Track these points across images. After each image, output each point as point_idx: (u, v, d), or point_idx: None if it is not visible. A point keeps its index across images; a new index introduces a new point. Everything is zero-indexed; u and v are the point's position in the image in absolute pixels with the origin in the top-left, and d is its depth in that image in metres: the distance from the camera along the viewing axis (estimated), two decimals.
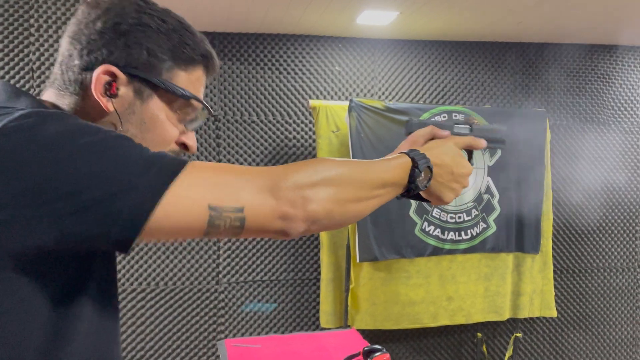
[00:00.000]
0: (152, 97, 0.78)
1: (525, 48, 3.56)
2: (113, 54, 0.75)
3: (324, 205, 0.74)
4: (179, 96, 0.79)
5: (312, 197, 0.73)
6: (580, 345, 3.72)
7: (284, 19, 2.96)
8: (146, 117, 0.78)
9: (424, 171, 0.87)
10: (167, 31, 0.78)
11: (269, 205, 0.71)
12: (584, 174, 3.66)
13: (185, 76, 0.80)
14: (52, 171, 0.61)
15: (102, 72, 0.75)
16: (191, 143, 0.85)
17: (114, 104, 0.76)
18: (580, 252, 3.68)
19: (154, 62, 0.77)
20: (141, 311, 3.16)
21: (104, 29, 0.75)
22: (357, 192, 0.78)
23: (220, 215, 0.68)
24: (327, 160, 0.79)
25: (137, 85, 0.77)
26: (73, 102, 0.77)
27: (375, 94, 3.40)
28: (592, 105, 3.67)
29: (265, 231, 0.73)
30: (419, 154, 0.87)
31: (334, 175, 0.76)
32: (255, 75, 3.26)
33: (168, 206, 0.65)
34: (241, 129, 3.25)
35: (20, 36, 2.91)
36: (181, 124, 0.83)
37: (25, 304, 0.65)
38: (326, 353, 2.22)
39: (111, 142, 0.65)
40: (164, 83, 0.78)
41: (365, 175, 0.80)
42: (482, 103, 3.53)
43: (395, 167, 0.84)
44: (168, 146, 0.82)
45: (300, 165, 0.75)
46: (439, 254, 3.11)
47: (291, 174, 0.73)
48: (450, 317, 3.17)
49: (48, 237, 0.62)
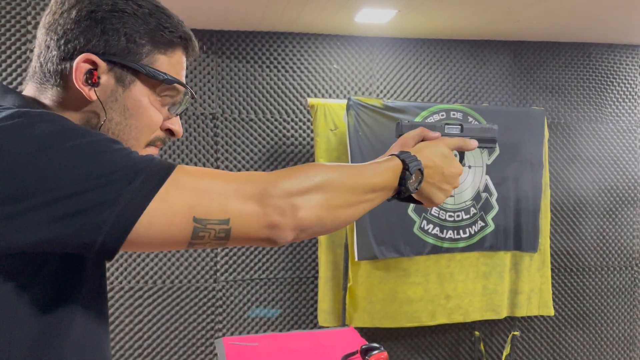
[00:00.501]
0: (134, 83, 0.77)
1: (523, 46, 3.56)
2: (91, 42, 0.74)
3: (314, 212, 0.73)
4: (161, 81, 0.78)
5: (301, 204, 0.72)
6: (578, 343, 3.73)
7: (282, 16, 2.96)
8: (129, 104, 0.77)
9: (415, 173, 0.86)
10: (144, 15, 0.77)
11: (255, 215, 0.70)
12: (582, 172, 3.66)
13: (165, 60, 0.79)
14: (37, 175, 0.61)
15: (82, 60, 0.74)
16: (176, 128, 0.84)
17: (96, 92, 0.75)
18: (578, 251, 3.69)
19: (133, 48, 0.76)
20: (139, 309, 3.16)
21: (79, 17, 0.74)
22: (347, 197, 0.78)
23: (205, 227, 0.67)
24: (317, 166, 0.78)
25: (118, 72, 0.76)
26: (55, 94, 0.76)
27: (374, 92, 3.40)
28: (590, 104, 3.68)
29: (252, 240, 0.72)
30: (410, 156, 0.87)
31: (324, 181, 0.75)
32: (253, 73, 3.25)
33: (152, 218, 0.64)
34: (239, 127, 3.24)
35: (18, 33, 2.90)
36: (165, 109, 0.82)
37: (5, 301, 0.65)
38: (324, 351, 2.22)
39: (97, 147, 0.65)
40: (144, 68, 0.77)
41: (356, 180, 0.79)
42: (480, 101, 3.53)
43: (386, 170, 0.84)
44: (153, 132, 0.81)
45: (289, 172, 0.74)
46: (437, 253, 3.11)
47: (280, 181, 0.72)
48: (448, 316, 3.17)
49: (31, 241, 0.62)
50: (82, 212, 0.61)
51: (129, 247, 0.65)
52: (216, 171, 0.72)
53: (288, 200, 0.71)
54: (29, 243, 0.62)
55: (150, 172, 0.65)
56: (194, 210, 0.66)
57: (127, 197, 0.63)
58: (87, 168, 0.62)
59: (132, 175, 0.64)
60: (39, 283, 0.67)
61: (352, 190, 0.78)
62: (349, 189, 0.78)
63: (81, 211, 0.61)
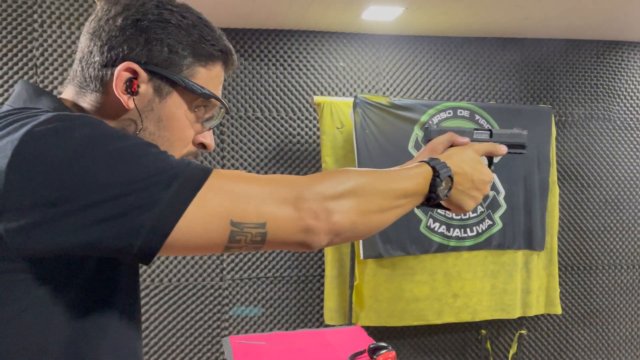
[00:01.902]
0: (171, 95, 0.77)
1: (530, 44, 3.54)
2: (134, 50, 0.74)
3: (348, 216, 0.73)
4: (198, 94, 0.78)
5: (336, 208, 0.72)
6: (585, 342, 3.71)
7: (288, 14, 2.95)
8: (164, 115, 0.78)
9: (445, 180, 0.85)
10: (187, 27, 0.77)
11: (291, 218, 0.70)
12: (590, 170, 3.64)
13: (204, 73, 0.79)
14: (77, 179, 0.61)
15: (124, 69, 0.74)
16: (209, 142, 0.84)
17: (134, 101, 0.75)
18: (586, 249, 3.67)
19: (174, 59, 0.76)
20: (145, 307, 3.16)
21: (125, 25, 0.74)
22: (380, 202, 0.78)
23: (242, 231, 0.67)
24: (350, 171, 0.77)
25: (157, 83, 0.76)
26: (94, 99, 0.76)
27: (380, 90, 3.39)
28: (598, 102, 3.65)
29: (287, 244, 0.72)
30: (440, 162, 0.86)
31: (357, 186, 0.75)
32: (260, 71, 3.24)
33: (190, 222, 0.64)
34: (245, 125, 3.23)
35: (24, 32, 2.90)
36: (198, 122, 0.82)
37: (40, 306, 0.65)
38: (331, 350, 2.21)
39: (135, 151, 0.65)
40: (184, 81, 0.76)
41: (388, 185, 0.79)
42: (487, 99, 3.51)
43: (416, 175, 0.83)
44: (185, 147, 0.81)
45: (323, 176, 0.74)
46: (444, 251, 3.10)
47: (314, 185, 0.72)
48: (455, 315, 3.16)
49: (70, 244, 0.62)
50: (121, 215, 0.61)
51: (166, 252, 0.65)
52: (251, 175, 0.72)
53: (322, 204, 0.71)
54: (67, 247, 0.62)
55: (187, 175, 0.65)
56: (231, 213, 0.66)
57: (165, 201, 0.63)
58: (126, 172, 0.62)
59: (170, 179, 0.64)
60: (75, 288, 0.67)
61: (384, 195, 0.78)
62: (382, 193, 0.78)
63: (120, 215, 0.61)
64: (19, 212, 0.60)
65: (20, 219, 0.60)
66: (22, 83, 0.76)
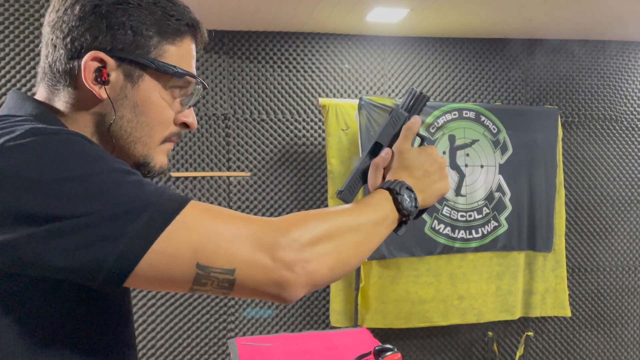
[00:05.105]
0: (143, 78, 0.74)
1: (536, 45, 3.53)
2: (97, 38, 0.71)
3: (325, 263, 0.70)
4: (170, 74, 0.75)
5: (312, 256, 0.68)
6: (593, 344, 3.69)
7: (293, 16, 2.95)
8: (139, 100, 0.74)
9: (405, 193, 0.83)
10: (148, 5, 0.74)
11: (264, 268, 0.65)
12: (597, 171, 3.62)
13: (174, 50, 0.76)
14: (44, 202, 0.59)
15: (90, 59, 0.71)
16: (191, 120, 0.80)
17: (106, 90, 0.72)
18: (593, 251, 3.65)
19: (140, 41, 0.73)
20: (152, 309, 3.17)
21: (84, 13, 0.71)
22: (354, 239, 0.75)
23: (209, 275, 0.64)
24: (319, 214, 0.74)
25: (126, 68, 0.73)
26: (67, 95, 0.74)
27: (385, 91, 3.39)
28: (605, 102, 3.63)
29: (259, 294, 0.67)
30: (389, 181, 0.84)
31: (331, 228, 0.72)
32: (265, 73, 3.25)
33: (153, 260, 0.61)
34: (250, 127, 3.24)
35: (32, 35, 2.93)
36: (177, 102, 0.78)
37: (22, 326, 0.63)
38: (337, 352, 2.21)
39: (108, 178, 0.62)
40: (153, 62, 0.73)
41: (357, 220, 0.76)
42: (493, 100, 3.50)
43: (378, 202, 0.81)
44: (166, 129, 0.78)
45: (298, 221, 0.70)
46: (449, 253, 3.09)
47: (291, 231, 0.67)
48: (461, 316, 3.15)
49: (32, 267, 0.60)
50: (85, 247, 0.59)
51: (132, 285, 0.63)
52: (228, 213, 0.68)
53: (299, 254, 0.67)
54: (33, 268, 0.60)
55: (158, 208, 0.62)
56: (198, 255, 0.63)
57: (131, 235, 0.60)
58: (95, 200, 0.60)
59: (139, 210, 0.61)
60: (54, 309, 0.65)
61: (357, 231, 0.75)
62: (354, 230, 0.75)
63: (84, 246, 0.59)
64: None
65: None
66: (11, 92, 0.75)
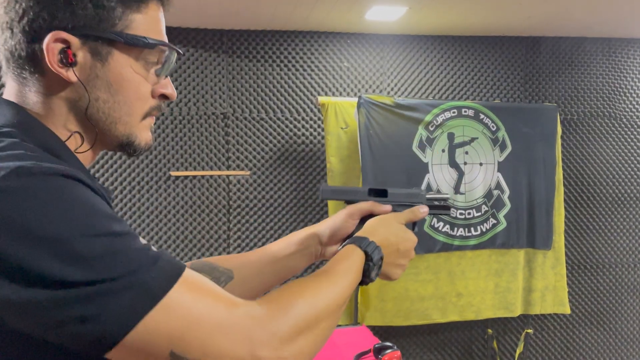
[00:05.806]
0: (112, 54, 0.68)
1: (535, 42, 3.53)
2: (56, 17, 0.65)
3: (303, 358, 0.66)
4: (141, 46, 0.70)
5: (290, 356, 0.64)
6: (592, 342, 3.70)
7: (292, 15, 2.95)
8: (111, 79, 0.69)
9: (377, 266, 0.84)
10: None
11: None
12: (596, 168, 3.63)
13: (141, 19, 0.70)
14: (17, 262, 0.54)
15: (52, 40, 0.65)
16: (169, 91, 0.75)
17: (75, 72, 0.67)
18: (593, 249, 3.65)
19: (102, 14, 0.67)
20: None
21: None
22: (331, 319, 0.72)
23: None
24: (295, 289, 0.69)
25: (92, 46, 0.67)
26: (36, 84, 0.68)
27: (385, 90, 3.39)
28: (604, 100, 3.64)
29: None
30: (370, 244, 0.83)
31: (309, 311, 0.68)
32: (264, 72, 3.25)
33: (130, 345, 0.57)
34: (250, 126, 3.25)
35: None
36: (152, 73, 0.73)
37: None
38: (337, 350, 2.22)
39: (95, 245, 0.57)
40: (121, 35, 0.68)
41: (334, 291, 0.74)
42: (492, 98, 3.50)
43: (352, 267, 0.80)
44: (145, 104, 0.73)
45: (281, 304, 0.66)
46: (448, 250, 3.10)
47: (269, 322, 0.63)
48: (459, 313, 3.16)
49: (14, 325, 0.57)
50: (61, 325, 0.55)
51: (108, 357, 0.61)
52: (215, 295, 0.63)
53: (277, 353, 0.62)
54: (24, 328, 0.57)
55: (145, 286, 0.58)
56: (174, 344, 0.59)
57: (112, 314, 0.56)
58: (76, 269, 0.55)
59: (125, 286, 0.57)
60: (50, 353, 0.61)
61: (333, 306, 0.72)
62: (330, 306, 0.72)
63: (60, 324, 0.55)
64: None
65: None
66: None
